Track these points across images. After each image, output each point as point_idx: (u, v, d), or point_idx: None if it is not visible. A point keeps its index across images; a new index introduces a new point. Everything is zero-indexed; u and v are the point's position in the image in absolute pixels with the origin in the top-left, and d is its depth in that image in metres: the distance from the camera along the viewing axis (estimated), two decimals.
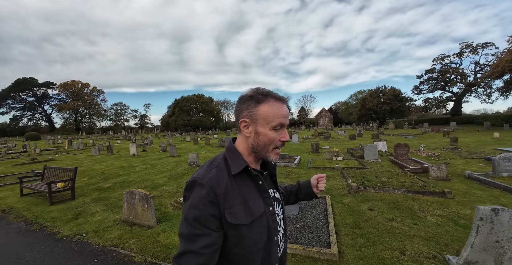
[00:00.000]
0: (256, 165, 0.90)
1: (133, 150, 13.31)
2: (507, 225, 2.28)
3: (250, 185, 0.83)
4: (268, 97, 0.82)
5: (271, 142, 0.82)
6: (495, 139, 16.16)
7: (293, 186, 1.17)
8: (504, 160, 6.47)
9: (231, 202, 0.76)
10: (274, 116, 0.80)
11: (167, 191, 5.64)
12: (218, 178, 0.78)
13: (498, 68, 24.01)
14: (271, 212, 0.85)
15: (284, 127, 0.83)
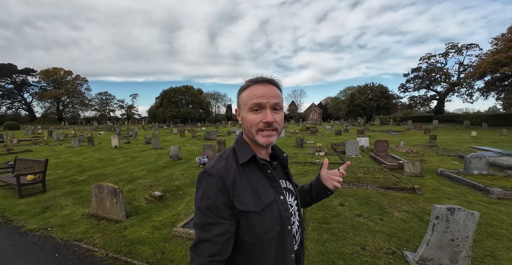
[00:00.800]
0: (265, 154, 0.90)
1: (115, 141, 12.96)
2: (463, 224, 2.35)
3: (258, 174, 0.84)
4: (250, 84, 0.83)
5: (251, 125, 0.81)
6: (472, 137, 16.83)
7: (307, 185, 1.12)
8: (476, 158, 6.74)
9: (240, 189, 0.77)
10: (249, 98, 0.80)
11: (143, 185, 5.53)
12: (226, 168, 0.80)
13: (480, 69, 24.81)
14: (282, 200, 0.85)
15: (266, 108, 0.79)
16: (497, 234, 3.28)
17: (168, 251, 2.80)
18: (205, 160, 7.16)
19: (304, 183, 1.18)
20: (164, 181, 5.74)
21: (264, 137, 0.81)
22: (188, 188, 5.27)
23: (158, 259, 2.67)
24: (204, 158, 7.18)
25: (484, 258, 2.71)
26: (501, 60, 22.81)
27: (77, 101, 63.43)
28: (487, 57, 25.85)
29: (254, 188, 0.80)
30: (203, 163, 7.08)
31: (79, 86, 63.38)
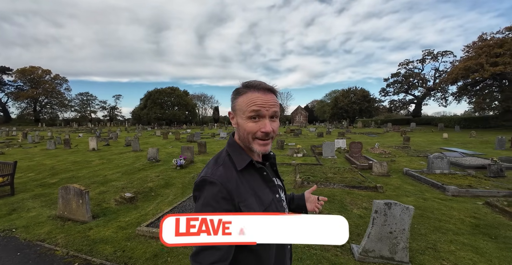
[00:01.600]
0: (258, 157, 0.92)
1: (92, 143, 12.66)
2: (399, 218, 2.58)
3: (256, 177, 0.86)
4: (248, 89, 0.82)
5: (248, 133, 0.81)
6: (444, 139, 17.82)
7: (287, 195, 1.14)
8: (438, 159, 7.22)
9: (244, 195, 0.78)
10: (248, 105, 0.79)
11: (115, 187, 5.51)
12: (227, 175, 0.79)
13: (452, 75, 26.33)
14: (278, 198, 0.89)
15: (265, 118, 0.80)
16: (444, 228, 3.57)
17: (129, 249, 2.89)
18: (182, 161, 7.21)
19: None
20: (138, 183, 5.75)
21: (260, 145, 0.82)
22: (161, 189, 5.33)
23: (117, 257, 2.75)
24: (181, 160, 7.22)
25: (426, 250, 2.96)
26: (471, 67, 24.34)
27: (55, 102, 60.78)
28: (459, 64, 27.49)
29: (254, 191, 0.82)
30: (180, 164, 7.13)
31: (58, 86, 60.81)
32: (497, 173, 6.86)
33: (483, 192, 5.17)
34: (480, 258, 2.76)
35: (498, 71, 22.86)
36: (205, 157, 9.64)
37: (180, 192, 5.12)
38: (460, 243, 3.11)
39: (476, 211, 4.24)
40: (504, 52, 23.80)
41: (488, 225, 3.68)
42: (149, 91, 52.85)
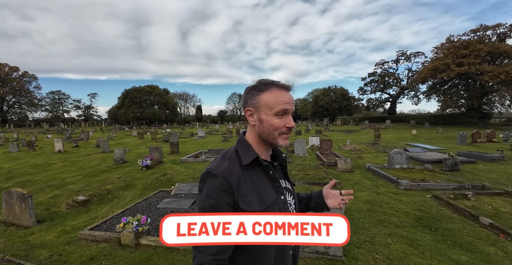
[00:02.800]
0: (267, 155, 0.92)
1: (58, 145, 12.02)
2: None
3: (261, 175, 0.86)
4: (270, 86, 0.84)
5: (275, 128, 0.83)
6: (413, 135, 18.75)
7: (305, 194, 1.13)
8: (397, 154, 7.58)
9: (244, 190, 0.78)
10: (276, 103, 0.82)
11: (71, 190, 5.28)
12: (230, 169, 0.80)
13: (422, 75, 27.74)
14: (283, 200, 0.87)
15: (289, 114, 0.85)
16: (387, 221, 3.74)
17: (66, 253, 2.79)
18: (148, 162, 7.04)
19: None
20: (96, 185, 5.54)
21: (285, 139, 0.85)
22: (120, 191, 5.18)
23: (52, 261, 2.67)
24: (147, 161, 7.05)
25: (363, 243, 3.08)
26: (439, 67, 25.74)
27: (24, 101, 57.00)
28: (428, 64, 29.00)
29: (257, 189, 0.82)
30: (146, 165, 6.96)
31: (27, 84, 56.94)
32: (452, 167, 7.32)
33: (433, 186, 5.51)
34: (413, 251, 2.89)
35: (463, 71, 24.36)
36: (177, 157, 9.48)
37: (139, 193, 5.00)
38: (398, 236, 3.28)
39: (422, 204, 4.49)
40: (469, 53, 25.38)
41: (431, 218, 3.89)
42: (127, 90, 50.94)
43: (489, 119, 29.17)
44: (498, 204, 4.42)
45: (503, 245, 3.03)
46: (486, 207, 4.32)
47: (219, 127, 34.14)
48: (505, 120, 33.39)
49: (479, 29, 27.42)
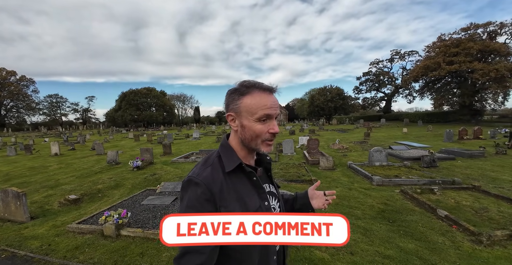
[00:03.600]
0: (251, 160, 0.90)
1: (55, 148, 12.36)
2: None
3: (244, 181, 0.83)
4: (251, 89, 0.80)
5: (257, 135, 0.80)
6: (403, 133, 19.08)
7: (290, 195, 1.13)
8: (377, 152, 7.93)
9: (227, 199, 0.77)
10: (258, 107, 0.78)
11: (64, 190, 5.64)
12: (213, 176, 0.78)
13: (414, 73, 28.19)
14: (267, 206, 0.86)
15: (273, 119, 0.80)
16: (350, 214, 4.02)
17: (55, 243, 3.16)
18: (139, 163, 7.39)
19: None
20: (88, 185, 5.90)
21: (268, 146, 0.82)
22: (110, 191, 5.53)
23: (42, 250, 3.04)
24: (138, 161, 7.40)
25: None
26: (430, 66, 26.19)
27: (22, 105, 57.26)
28: (420, 63, 29.44)
29: (240, 196, 0.80)
30: (136, 166, 7.31)
31: (24, 88, 57.20)
32: (430, 163, 7.68)
33: (405, 181, 5.84)
34: (364, 239, 3.19)
35: (453, 69, 24.79)
36: (169, 158, 9.83)
37: (127, 192, 5.36)
38: (356, 226, 3.56)
39: (389, 198, 4.81)
40: (459, 52, 25.83)
41: (394, 211, 4.18)
42: (124, 92, 51.25)
43: (481, 117, 29.58)
44: (461, 198, 4.69)
45: (453, 235, 3.27)
46: (449, 201, 4.59)
47: (216, 129, 34.48)
48: (498, 117, 33.87)
49: (469, 27, 27.86)
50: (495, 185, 5.59)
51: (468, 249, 2.92)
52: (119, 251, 2.83)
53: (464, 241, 3.11)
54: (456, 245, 3.03)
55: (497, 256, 2.78)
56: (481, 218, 3.86)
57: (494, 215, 3.90)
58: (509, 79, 23.69)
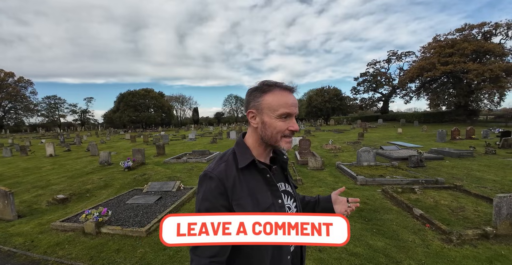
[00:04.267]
0: (266, 158, 0.92)
1: (50, 150, 12.45)
2: None
3: (257, 178, 0.85)
4: (273, 87, 0.83)
5: (278, 131, 0.82)
6: (398, 133, 19.20)
7: (312, 198, 1.13)
8: (365, 152, 8.05)
9: (239, 194, 0.79)
10: (279, 105, 0.81)
11: (53, 190, 5.75)
12: (226, 171, 0.81)
13: (409, 74, 28.38)
14: (280, 204, 0.86)
15: (292, 117, 0.83)
16: None
17: (38, 240, 3.29)
18: (130, 163, 7.50)
19: None
20: (77, 185, 6.01)
21: (287, 143, 0.84)
22: (98, 191, 5.64)
23: (25, 245, 3.18)
24: (129, 162, 7.51)
25: None
26: (425, 66, 26.39)
27: (20, 107, 57.33)
28: (416, 63, 29.63)
29: (253, 192, 0.81)
30: (127, 166, 7.42)
31: (22, 90, 57.27)
32: (417, 163, 7.78)
33: (388, 181, 5.95)
34: None
35: (448, 70, 24.97)
36: (162, 159, 9.93)
37: (115, 191, 5.46)
38: None
39: (370, 197, 4.89)
40: (454, 52, 26.03)
41: (372, 209, 4.24)
42: (122, 94, 51.38)
43: (477, 117, 29.75)
44: (441, 197, 4.76)
45: (424, 234, 3.31)
46: (428, 200, 4.67)
47: (213, 129, 34.59)
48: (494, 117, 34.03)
49: (464, 28, 28.09)
50: (478, 185, 5.68)
51: (436, 248, 2.96)
52: (96, 248, 2.95)
53: (435, 239, 3.16)
54: (425, 243, 3.08)
55: (465, 255, 2.80)
56: (456, 217, 3.92)
57: (470, 214, 3.96)
58: (503, 79, 23.86)
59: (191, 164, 8.32)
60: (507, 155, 9.30)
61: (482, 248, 2.93)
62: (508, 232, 3.26)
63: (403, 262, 2.69)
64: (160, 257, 2.72)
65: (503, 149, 10.70)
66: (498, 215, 3.28)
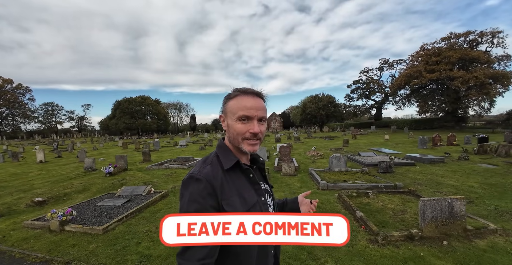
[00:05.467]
0: (246, 159, 0.97)
1: (40, 156, 12.82)
2: None
3: (242, 178, 0.90)
4: (237, 93, 0.89)
5: (237, 133, 0.86)
6: (385, 140, 19.65)
7: (280, 200, 1.19)
8: (336, 158, 8.44)
9: (227, 193, 0.82)
10: (238, 108, 0.86)
11: (34, 193, 6.14)
12: (213, 172, 0.84)
13: (397, 81, 29.14)
14: (263, 202, 0.92)
15: (253, 120, 0.86)
16: None
17: (9, 235, 3.72)
18: (111, 169, 7.88)
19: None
20: (57, 189, 6.39)
21: (249, 145, 0.87)
22: (75, 194, 6.03)
23: None
24: (110, 168, 7.90)
25: None
26: (412, 74, 27.14)
27: (18, 113, 57.79)
28: (404, 71, 30.45)
29: (239, 191, 0.85)
30: (108, 172, 7.80)
31: (21, 96, 57.92)
32: (386, 169, 8.14)
33: (349, 186, 6.24)
34: None
35: (434, 77, 25.71)
36: (147, 165, 10.30)
37: (90, 195, 5.85)
38: None
39: (325, 201, 5.11)
40: (440, 60, 26.85)
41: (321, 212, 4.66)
42: (118, 101, 52.08)
43: (465, 123, 30.32)
44: (390, 201, 4.96)
45: (356, 234, 3.47)
46: (377, 204, 4.88)
47: (208, 136, 35.01)
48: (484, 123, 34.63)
49: (450, 37, 29.02)
50: (435, 190, 5.90)
51: (360, 247, 3.10)
52: (57, 242, 3.36)
53: (363, 240, 3.31)
54: (352, 243, 3.22)
55: (384, 255, 2.93)
56: (395, 219, 4.15)
57: (408, 217, 4.18)
58: (489, 86, 24.50)
59: (171, 170, 8.70)
60: (480, 160, 9.46)
61: (404, 249, 3.07)
62: (433, 234, 3.38)
63: (321, 259, 2.86)
64: (108, 250, 3.11)
65: (478, 155, 11.04)
66: (423, 218, 3.41)
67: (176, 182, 6.93)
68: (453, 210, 3.45)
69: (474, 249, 3.05)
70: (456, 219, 3.45)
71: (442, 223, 3.43)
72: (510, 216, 4.10)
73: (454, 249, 3.05)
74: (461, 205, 3.47)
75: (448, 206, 3.45)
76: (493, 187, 5.87)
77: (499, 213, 4.27)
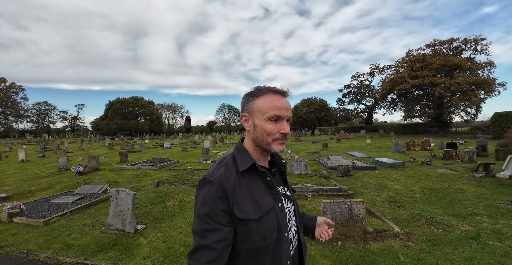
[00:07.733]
0: (264, 161, 0.93)
1: (22, 155, 13.16)
2: (125, 200, 3.67)
3: (258, 181, 0.86)
4: (264, 91, 0.85)
5: (268, 134, 0.83)
6: (366, 144, 20.05)
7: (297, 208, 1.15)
8: (296, 162, 8.85)
9: (239, 197, 0.79)
10: (269, 108, 0.82)
11: (2, 190, 6.53)
12: (226, 175, 0.81)
13: (383, 87, 29.84)
14: (280, 208, 0.87)
15: (284, 120, 0.84)
16: None
17: None
18: (81, 169, 8.27)
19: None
20: (24, 187, 6.78)
21: (279, 145, 0.84)
22: (39, 192, 6.41)
23: None
24: (80, 168, 8.28)
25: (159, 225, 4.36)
26: (397, 80, 27.82)
27: (10, 112, 57.74)
28: (389, 77, 31.18)
29: (253, 196, 0.81)
30: (78, 171, 8.18)
31: (13, 95, 57.96)
32: (344, 172, 8.47)
33: (296, 188, 6.52)
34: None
35: (417, 83, 26.39)
36: (120, 165, 10.63)
37: (52, 192, 6.24)
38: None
39: None
40: (424, 67, 27.57)
41: None
42: (111, 101, 52.37)
43: (449, 128, 31.00)
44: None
45: None
46: (310, 205, 5.00)
47: (198, 138, 35.37)
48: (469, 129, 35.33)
49: (434, 43, 29.78)
50: (377, 193, 6.01)
51: None
52: (1, 231, 3.81)
53: None
54: None
55: None
56: None
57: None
58: (471, 93, 25.13)
59: (141, 171, 9.07)
60: (442, 165, 9.62)
61: None
62: (333, 235, 3.53)
63: None
64: (39, 239, 3.53)
65: (444, 160, 11.46)
66: None
67: (139, 182, 7.32)
68: (352, 213, 3.64)
69: (365, 250, 3.10)
70: (356, 221, 3.61)
71: (342, 224, 3.61)
72: (425, 221, 4.11)
73: (345, 250, 3.14)
74: (361, 208, 3.65)
75: (348, 208, 3.65)
76: (435, 192, 5.96)
77: (418, 217, 4.26)
